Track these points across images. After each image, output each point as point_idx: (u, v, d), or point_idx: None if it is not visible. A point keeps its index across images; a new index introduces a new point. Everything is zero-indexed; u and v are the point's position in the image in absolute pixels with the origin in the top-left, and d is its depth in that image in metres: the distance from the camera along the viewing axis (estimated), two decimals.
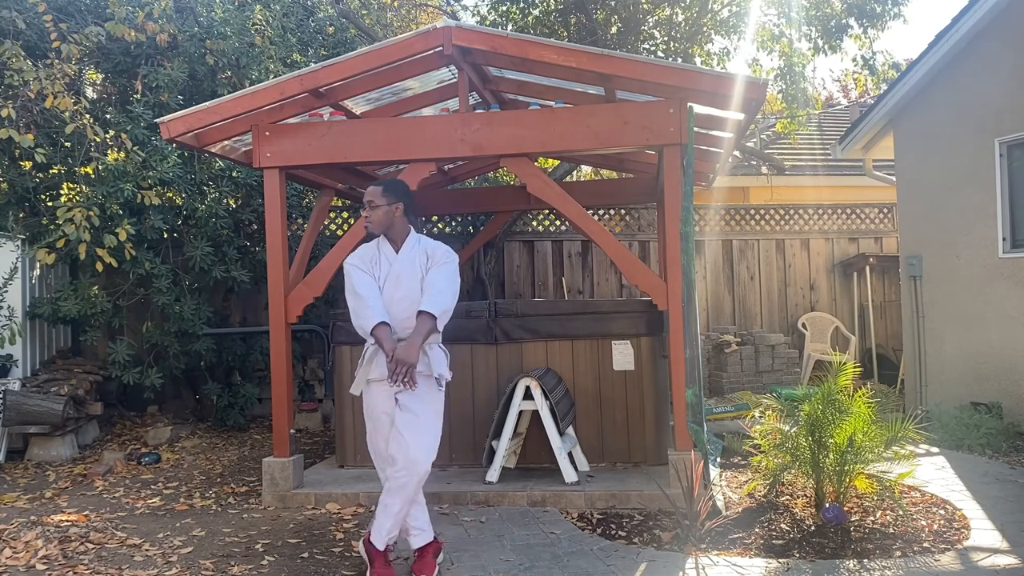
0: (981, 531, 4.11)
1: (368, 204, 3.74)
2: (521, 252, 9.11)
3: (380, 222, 3.73)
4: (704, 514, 4.04)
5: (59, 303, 6.61)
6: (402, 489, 3.55)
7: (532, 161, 5.00)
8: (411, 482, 3.55)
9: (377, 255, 3.77)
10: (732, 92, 4.51)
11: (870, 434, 4.22)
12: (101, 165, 6.43)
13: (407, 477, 3.54)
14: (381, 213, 3.72)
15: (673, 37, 10.24)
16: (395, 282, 3.70)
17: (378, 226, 3.74)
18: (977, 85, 6.83)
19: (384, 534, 3.58)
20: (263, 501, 4.98)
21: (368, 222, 3.75)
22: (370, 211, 3.73)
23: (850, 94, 20.05)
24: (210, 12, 7.59)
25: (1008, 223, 6.58)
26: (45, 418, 6.11)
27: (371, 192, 3.74)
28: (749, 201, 11.19)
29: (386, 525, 3.58)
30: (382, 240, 3.79)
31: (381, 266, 3.73)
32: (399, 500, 3.56)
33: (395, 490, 3.55)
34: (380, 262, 3.74)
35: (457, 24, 4.84)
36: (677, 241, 4.70)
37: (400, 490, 3.55)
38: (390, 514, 3.57)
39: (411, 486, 3.56)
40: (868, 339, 9.36)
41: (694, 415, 4.60)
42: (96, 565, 3.85)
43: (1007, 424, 6.25)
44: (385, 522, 3.58)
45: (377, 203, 3.72)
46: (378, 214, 3.72)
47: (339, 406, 5.78)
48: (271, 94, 4.87)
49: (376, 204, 3.72)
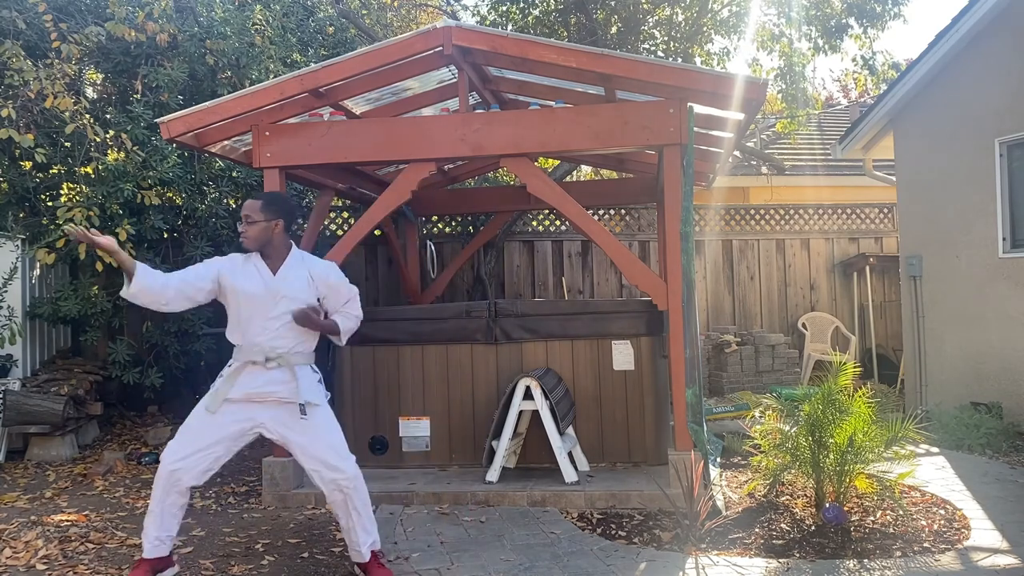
0: (981, 531, 4.11)
1: (245, 219, 3.60)
2: (521, 252, 9.11)
3: (256, 238, 3.60)
4: (704, 514, 4.04)
5: (59, 303, 6.61)
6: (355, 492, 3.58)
7: (532, 161, 5.00)
8: (359, 486, 3.59)
9: (245, 267, 3.65)
10: (732, 92, 4.51)
11: (870, 434, 4.22)
12: (101, 165, 6.43)
13: (353, 482, 3.57)
14: (258, 229, 3.59)
15: (673, 37, 10.24)
16: (272, 301, 3.58)
17: (253, 242, 3.61)
18: (977, 85, 6.83)
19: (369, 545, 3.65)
20: (263, 501, 4.98)
21: (244, 237, 3.61)
22: (247, 226, 3.59)
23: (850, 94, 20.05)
24: (210, 12, 7.58)
25: (1008, 223, 6.58)
26: (45, 418, 6.11)
27: (249, 206, 3.61)
28: (749, 201, 11.19)
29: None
30: (255, 256, 3.66)
31: (250, 279, 3.61)
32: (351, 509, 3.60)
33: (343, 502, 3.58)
34: (249, 275, 3.62)
35: (457, 24, 4.84)
36: (677, 241, 4.70)
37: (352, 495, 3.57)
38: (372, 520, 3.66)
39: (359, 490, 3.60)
40: (868, 339, 9.35)
41: (694, 415, 4.60)
42: (96, 565, 3.85)
43: (1007, 424, 6.25)
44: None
45: (254, 218, 3.58)
46: (255, 230, 3.59)
47: (339, 406, 5.77)
48: (271, 94, 4.87)
49: (253, 219, 3.58)
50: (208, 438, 3.53)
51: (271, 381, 3.57)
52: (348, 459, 3.60)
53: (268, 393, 3.57)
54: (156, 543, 3.54)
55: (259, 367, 3.57)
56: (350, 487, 3.54)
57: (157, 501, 3.51)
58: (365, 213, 5.10)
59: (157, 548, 3.55)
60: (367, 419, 5.61)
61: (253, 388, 3.56)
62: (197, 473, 3.51)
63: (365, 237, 5.21)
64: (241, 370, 3.59)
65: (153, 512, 3.52)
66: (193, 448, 3.51)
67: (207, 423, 3.54)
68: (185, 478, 3.49)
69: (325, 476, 3.55)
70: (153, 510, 3.52)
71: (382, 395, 5.61)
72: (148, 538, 3.54)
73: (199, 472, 3.52)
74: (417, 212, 7.93)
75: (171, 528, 3.57)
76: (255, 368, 3.58)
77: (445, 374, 5.54)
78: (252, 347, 3.58)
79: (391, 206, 5.11)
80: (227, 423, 3.56)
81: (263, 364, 3.56)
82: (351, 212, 8.75)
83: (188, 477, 3.50)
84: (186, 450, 3.50)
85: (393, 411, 5.59)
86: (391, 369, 5.61)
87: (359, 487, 3.58)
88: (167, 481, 3.48)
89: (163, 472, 3.49)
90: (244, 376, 3.58)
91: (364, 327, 5.75)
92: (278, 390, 3.57)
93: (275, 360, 3.57)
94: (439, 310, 5.84)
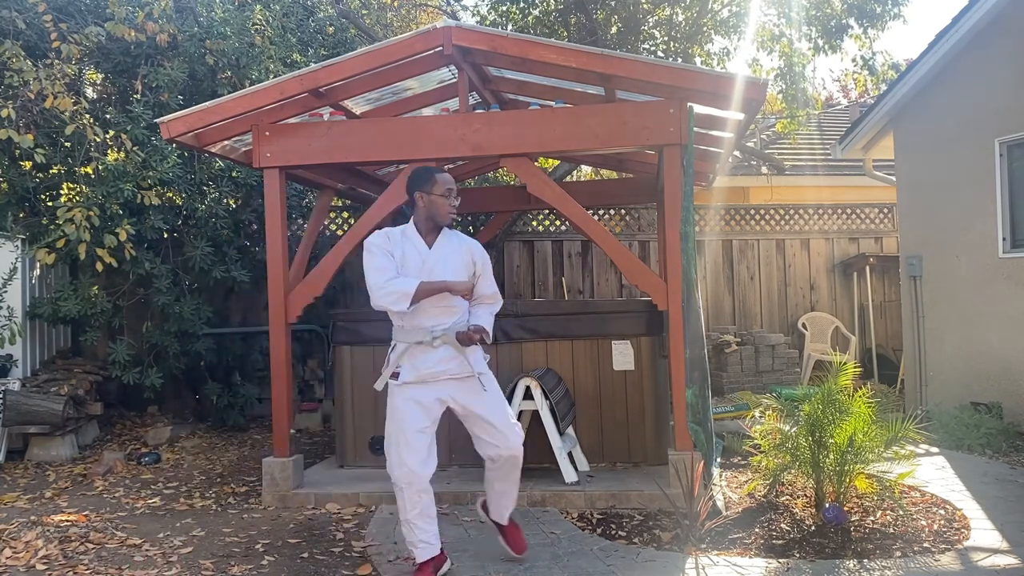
0: (981, 531, 4.11)
1: (458, 194, 3.65)
2: (521, 252, 9.11)
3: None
4: (704, 514, 4.03)
5: (59, 303, 6.61)
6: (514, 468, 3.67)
7: (532, 161, 5.00)
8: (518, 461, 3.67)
9: (402, 242, 3.60)
10: (732, 92, 4.51)
11: (870, 434, 4.22)
12: (101, 165, 6.43)
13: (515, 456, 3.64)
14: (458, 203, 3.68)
15: (673, 37, 10.25)
16: (428, 276, 3.53)
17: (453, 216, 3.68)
18: (977, 85, 6.83)
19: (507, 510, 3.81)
20: (263, 501, 4.98)
21: (456, 211, 3.66)
22: (455, 200, 3.63)
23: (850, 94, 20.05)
24: (210, 12, 7.58)
25: (1008, 223, 6.58)
26: (45, 418, 6.11)
27: (454, 181, 3.66)
28: (749, 201, 11.19)
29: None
30: (410, 229, 3.65)
31: (408, 256, 3.57)
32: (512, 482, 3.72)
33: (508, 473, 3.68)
34: (406, 251, 3.58)
35: (457, 24, 4.84)
36: (677, 241, 4.70)
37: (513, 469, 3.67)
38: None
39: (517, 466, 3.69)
40: (868, 339, 9.36)
41: (694, 415, 4.60)
42: (96, 565, 3.85)
43: (1007, 424, 6.25)
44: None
45: (457, 192, 3.66)
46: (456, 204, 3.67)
47: (339, 406, 5.78)
48: (271, 94, 4.87)
49: (458, 193, 3.66)
50: (420, 425, 3.52)
51: (441, 359, 3.55)
52: (517, 424, 3.68)
53: (440, 372, 3.55)
54: (427, 546, 3.55)
55: (426, 346, 3.55)
56: (520, 454, 3.64)
57: (410, 507, 3.51)
58: (365, 213, 5.10)
59: (431, 548, 3.57)
60: (367, 419, 5.61)
61: (426, 369, 3.54)
62: (429, 464, 3.53)
63: (365, 237, 5.19)
64: (409, 351, 3.57)
65: (410, 521, 3.52)
66: (419, 443, 3.51)
67: (413, 415, 3.52)
68: (426, 475, 3.52)
69: (502, 443, 3.59)
70: (408, 519, 3.52)
71: (382, 395, 5.58)
72: (418, 544, 3.53)
73: (430, 462, 3.55)
74: None
75: (434, 525, 3.60)
76: (422, 348, 3.55)
77: None
78: (416, 328, 3.56)
79: (391, 206, 5.11)
80: (425, 408, 3.55)
81: (430, 343, 3.54)
82: (351, 212, 8.76)
83: (427, 472, 3.53)
84: (408, 450, 3.49)
85: None
86: None
87: (520, 456, 3.66)
88: (417, 485, 3.50)
89: (405, 478, 3.48)
90: (414, 357, 3.55)
91: (364, 327, 5.80)
92: (449, 367, 3.56)
93: (439, 338, 3.54)
94: None
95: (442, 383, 3.56)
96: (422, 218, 3.63)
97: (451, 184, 3.61)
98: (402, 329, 3.61)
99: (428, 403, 3.54)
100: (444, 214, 3.61)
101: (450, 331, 3.56)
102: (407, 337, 3.57)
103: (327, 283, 5.13)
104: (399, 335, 3.62)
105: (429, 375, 3.54)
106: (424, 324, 3.55)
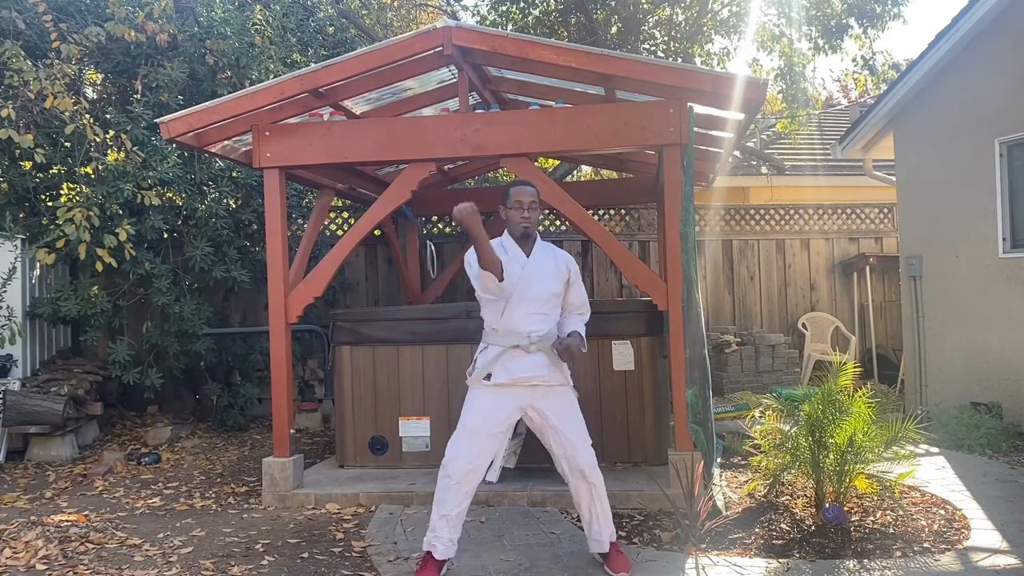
0: (981, 531, 4.11)
1: (528, 205, 3.64)
2: None
3: (536, 223, 3.69)
4: (704, 514, 4.03)
5: (59, 303, 6.61)
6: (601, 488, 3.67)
7: (532, 161, 5.00)
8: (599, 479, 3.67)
9: (502, 253, 3.61)
10: (732, 92, 4.51)
11: (870, 434, 4.22)
12: (101, 165, 6.43)
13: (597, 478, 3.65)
14: (537, 215, 3.68)
15: (673, 37, 10.26)
16: (525, 285, 3.59)
17: (534, 227, 3.68)
18: (977, 85, 6.83)
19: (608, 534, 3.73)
20: (263, 501, 4.98)
21: (529, 223, 3.64)
22: (530, 212, 3.64)
23: (850, 94, 20.06)
24: (210, 12, 7.59)
25: (1008, 223, 6.58)
26: (45, 418, 6.11)
27: (531, 192, 3.65)
28: (749, 201, 11.20)
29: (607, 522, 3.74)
30: (507, 240, 3.69)
31: (511, 262, 3.60)
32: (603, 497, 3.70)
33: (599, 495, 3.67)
34: (509, 257, 3.61)
35: (457, 24, 4.84)
36: (677, 241, 4.70)
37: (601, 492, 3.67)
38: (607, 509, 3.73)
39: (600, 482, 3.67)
40: (868, 339, 9.35)
41: (694, 415, 4.59)
42: (96, 565, 3.85)
43: (1007, 424, 6.25)
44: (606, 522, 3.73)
45: (537, 204, 3.67)
46: (536, 215, 3.67)
47: (339, 406, 5.78)
48: (271, 94, 4.87)
49: (536, 205, 3.67)
50: (495, 429, 3.58)
51: (535, 365, 3.58)
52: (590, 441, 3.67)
53: (531, 378, 3.57)
54: (450, 544, 3.58)
55: (521, 351, 3.58)
56: (595, 476, 3.63)
57: (453, 504, 3.54)
58: (365, 213, 5.10)
59: (449, 549, 3.59)
60: (367, 419, 5.61)
61: (519, 372, 3.57)
62: (488, 470, 3.56)
63: (365, 237, 5.20)
64: (503, 355, 3.59)
65: (448, 516, 3.54)
66: (488, 446, 3.57)
67: (486, 416, 3.58)
68: (479, 478, 3.55)
69: (574, 462, 3.60)
70: (448, 514, 3.54)
71: (382, 395, 5.62)
72: (442, 540, 3.55)
73: (488, 468, 3.57)
74: (417, 212, 7.94)
75: (460, 529, 3.63)
76: (517, 352, 3.58)
77: (445, 374, 5.54)
78: (511, 331, 3.60)
79: (391, 206, 5.11)
80: (502, 413, 3.58)
81: (526, 348, 3.57)
82: (351, 212, 8.76)
83: (481, 476, 3.56)
84: (476, 447, 3.54)
85: (393, 411, 5.58)
86: (391, 369, 5.61)
87: (600, 475, 3.65)
88: (467, 485, 3.53)
89: (461, 474, 3.51)
90: (507, 361, 3.58)
91: (364, 327, 5.80)
92: (541, 373, 3.58)
93: (535, 344, 3.57)
94: (439, 310, 5.84)
95: (528, 389, 3.59)
96: (509, 229, 3.71)
97: (520, 196, 3.65)
98: (496, 332, 3.64)
99: (510, 409, 3.60)
100: (515, 224, 3.67)
101: (545, 339, 3.60)
102: (503, 341, 3.61)
103: (327, 283, 5.13)
104: (492, 338, 3.65)
105: (522, 379, 3.57)
106: (521, 329, 3.59)
